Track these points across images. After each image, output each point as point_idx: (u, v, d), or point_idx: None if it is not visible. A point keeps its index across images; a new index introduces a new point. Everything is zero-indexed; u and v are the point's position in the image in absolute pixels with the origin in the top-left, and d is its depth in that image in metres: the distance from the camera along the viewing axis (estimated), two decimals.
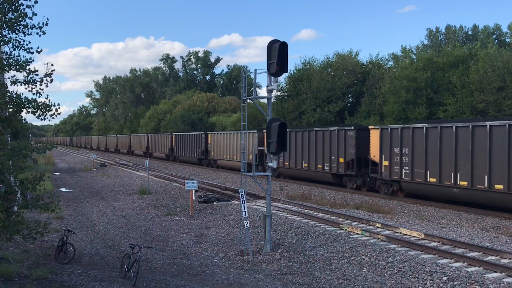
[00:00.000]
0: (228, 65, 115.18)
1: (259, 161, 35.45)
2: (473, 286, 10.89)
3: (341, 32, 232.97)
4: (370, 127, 28.08)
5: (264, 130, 35.35)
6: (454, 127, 21.75)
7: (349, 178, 29.11)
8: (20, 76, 11.01)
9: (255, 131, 38.71)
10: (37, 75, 10.99)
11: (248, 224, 14.77)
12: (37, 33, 10.96)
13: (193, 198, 23.00)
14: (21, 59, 10.91)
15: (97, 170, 48.68)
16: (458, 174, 21.40)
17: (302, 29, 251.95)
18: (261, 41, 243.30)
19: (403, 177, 24.47)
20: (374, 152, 26.53)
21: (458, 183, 21.40)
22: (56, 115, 11.19)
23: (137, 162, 59.92)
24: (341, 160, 29.01)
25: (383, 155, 25.73)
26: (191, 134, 54.00)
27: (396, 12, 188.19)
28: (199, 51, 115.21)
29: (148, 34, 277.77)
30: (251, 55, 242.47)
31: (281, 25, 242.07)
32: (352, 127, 28.67)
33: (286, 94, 52.40)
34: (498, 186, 19.75)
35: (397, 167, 24.75)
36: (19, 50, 10.98)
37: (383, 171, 25.77)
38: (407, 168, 24.12)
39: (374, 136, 26.56)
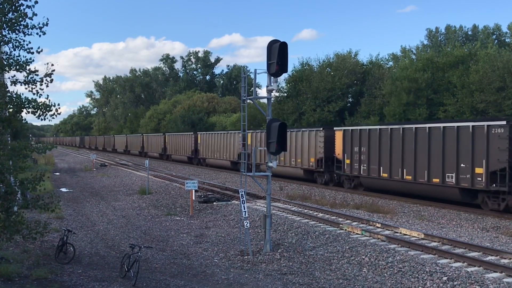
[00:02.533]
0: (228, 65, 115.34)
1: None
2: (473, 286, 10.89)
3: (342, 32, 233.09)
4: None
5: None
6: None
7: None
8: (20, 76, 11.03)
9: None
10: (37, 75, 10.99)
11: (248, 224, 14.77)
12: (37, 33, 10.97)
13: (193, 198, 23.00)
14: (21, 59, 10.91)
15: (97, 170, 48.69)
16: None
17: (303, 29, 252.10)
18: (262, 41, 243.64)
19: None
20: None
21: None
22: (56, 115, 11.19)
23: (136, 162, 59.95)
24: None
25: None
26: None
27: (397, 12, 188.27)
28: (199, 51, 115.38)
29: (149, 34, 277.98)
30: (252, 55, 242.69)
31: (282, 25, 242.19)
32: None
33: (285, 95, 52.45)
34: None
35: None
36: (19, 50, 10.99)
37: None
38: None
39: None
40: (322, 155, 30.92)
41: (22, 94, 11.05)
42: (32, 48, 11.02)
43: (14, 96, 11.04)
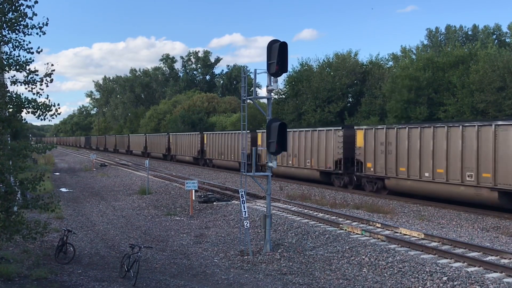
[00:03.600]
0: (228, 65, 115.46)
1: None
2: (473, 286, 10.89)
3: (342, 32, 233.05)
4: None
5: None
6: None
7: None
8: (20, 76, 11.03)
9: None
10: (37, 75, 11.00)
11: (248, 224, 14.77)
12: (37, 33, 10.98)
13: (193, 198, 23.00)
14: (21, 59, 10.92)
15: (97, 170, 48.68)
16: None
17: (303, 29, 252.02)
18: (262, 41, 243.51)
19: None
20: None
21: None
22: (56, 115, 11.19)
23: (136, 162, 59.94)
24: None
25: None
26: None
27: (397, 12, 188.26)
28: (199, 51, 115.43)
29: (149, 34, 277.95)
30: (252, 55, 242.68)
31: (283, 25, 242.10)
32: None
33: (284, 96, 52.46)
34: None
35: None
36: (19, 50, 10.99)
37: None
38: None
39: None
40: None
41: (22, 94, 11.07)
42: (32, 48, 11.04)
43: (14, 96, 11.04)
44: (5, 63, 10.85)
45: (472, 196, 21.39)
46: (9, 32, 10.91)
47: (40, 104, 10.96)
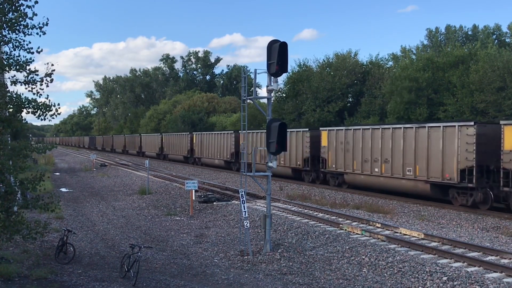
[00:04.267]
0: (228, 65, 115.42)
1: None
2: (473, 286, 10.89)
3: (342, 32, 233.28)
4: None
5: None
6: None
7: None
8: (20, 76, 11.03)
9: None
10: (37, 75, 10.99)
11: (248, 224, 14.77)
12: (37, 33, 10.97)
13: (193, 198, 23.00)
14: (21, 59, 10.91)
15: (97, 170, 48.68)
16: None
17: (303, 28, 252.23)
18: (262, 41, 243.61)
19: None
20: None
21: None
22: (56, 115, 11.19)
23: (136, 161, 59.95)
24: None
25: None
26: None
27: (398, 12, 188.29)
28: (199, 51, 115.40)
29: (150, 34, 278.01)
30: (253, 55, 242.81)
31: (283, 25, 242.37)
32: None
33: (284, 95, 52.44)
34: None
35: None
36: (19, 50, 10.99)
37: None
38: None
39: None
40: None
41: (22, 94, 11.07)
42: (32, 48, 11.04)
43: (14, 96, 11.04)
44: (5, 63, 10.85)
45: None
46: (9, 32, 10.91)
47: (40, 104, 10.95)
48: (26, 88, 11.00)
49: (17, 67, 10.85)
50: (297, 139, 33.39)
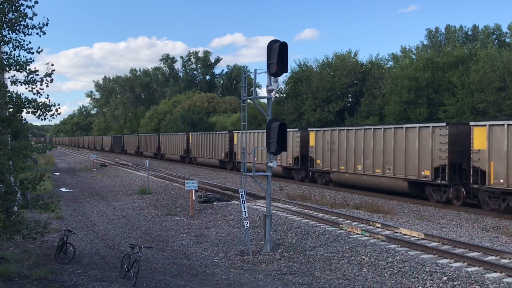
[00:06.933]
0: (228, 65, 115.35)
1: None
2: (473, 286, 10.89)
3: (343, 32, 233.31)
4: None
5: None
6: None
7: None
8: (20, 76, 11.03)
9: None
10: (37, 75, 10.99)
11: (248, 224, 14.77)
12: (37, 33, 10.97)
13: (193, 198, 23.00)
14: (21, 59, 10.91)
15: (97, 170, 48.68)
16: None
17: (304, 28, 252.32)
18: (263, 41, 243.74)
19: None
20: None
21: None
22: (56, 115, 11.19)
23: (135, 161, 59.96)
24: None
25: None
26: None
27: (399, 12, 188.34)
28: (199, 51, 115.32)
29: (150, 34, 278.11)
30: (253, 55, 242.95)
31: (284, 25, 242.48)
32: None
33: (284, 95, 52.43)
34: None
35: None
36: (19, 50, 10.99)
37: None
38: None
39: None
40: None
41: (22, 94, 11.06)
42: (32, 48, 11.04)
43: (14, 96, 11.04)
44: (5, 63, 10.85)
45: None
46: (9, 32, 10.92)
47: (40, 104, 10.95)
48: (26, 88, 11.00)
49: (17, 67, 10.85)
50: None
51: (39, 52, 11.02)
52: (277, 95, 50.91)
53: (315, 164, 31.64)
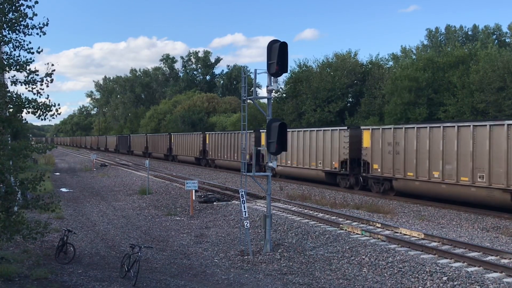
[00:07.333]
0: (228, 65, 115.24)
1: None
2: (473, 286, 10.89)
3: (343, 32, 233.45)
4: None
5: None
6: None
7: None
8: (20, 76, 11.02)
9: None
10: (38, 75, 10.99)
11: (248, 224, 14.78)
12: (37, 34, 10.97)
13: (193, 198, 23.00)
14: (21, 59, 10.91)
15: (97, 170, 48.69)
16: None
17: (305, 28, 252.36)
18: (263, 41, 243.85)
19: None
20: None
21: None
22: (56, 115, 11.19)
23: (136, 162, 59.96)
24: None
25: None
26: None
27: (399, 12, 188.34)
28: (199, 51, 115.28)
29: (151, 34, 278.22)
30: (254, 55, 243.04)
31: (284, 25, 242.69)
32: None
33: (284, 95, 52.44)
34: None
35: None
36: (19, 50, 10.99)
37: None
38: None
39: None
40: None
41: (22, 94, 11.05)
42: (32, 48, 11.03)
43: (14, 96, 11.04)
44: (5, 63, 10.85)
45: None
46: (10, 32, 10.91)
47: (40, 104, 10.95)
48: (26, 88, 11.00)
49: (17, 67, 10.85)
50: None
51: (39, 52, 11.02)
52: (276, 94, 50.88)
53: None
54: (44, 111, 10.96)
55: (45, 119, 11.13)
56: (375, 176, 26.90)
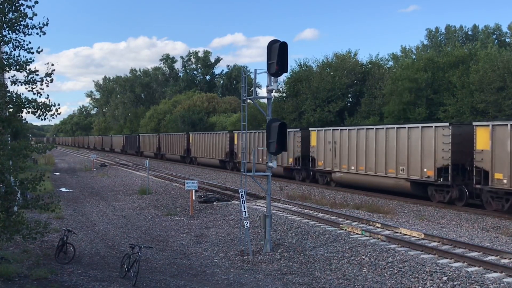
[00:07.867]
0: (228, 65, 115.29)
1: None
2: (473, 286, 10.89)
3: (343, 32, 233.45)
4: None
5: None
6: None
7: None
8: (20, 76, 11.01)
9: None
10: (37, 75, 10.97)
11: (248, 224, 14.77)
12: (37, 33, 10.96)
13: (193, 198, 23.00)
14: (21, 59, 10.89)
15: (97, 170, 48.67)
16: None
17: (305, 28, 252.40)
18: (264, 40, 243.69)
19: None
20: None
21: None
22: (56, 115, 11.17)
23: (135, 161, 59.97)
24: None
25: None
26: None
27: (399, 12, 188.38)
28: (199, 51, 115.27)
29: (151, 34, 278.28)
30: (254, 54, 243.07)
31: (284, 25, 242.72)
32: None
33: (284, 95, 52.45)
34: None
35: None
36: (19, 50, 10.97)
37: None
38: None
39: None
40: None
41: (22, 94, 11.04)
42: (32, 48, 11.02)
43: (14, 96, 11.03)
44: (5, 63, 10.84)
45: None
46: (9, 32, 10.90)
47: (40, 104, 10.93)
48: (26, 88, 10.98)
49: (17, 67, 10.83)
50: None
51: (39, 52, 11.01)
52: (276, 94, 50.87)
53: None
54: (44, 111, 10.95)
55: (45, 119, 11.12)
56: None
